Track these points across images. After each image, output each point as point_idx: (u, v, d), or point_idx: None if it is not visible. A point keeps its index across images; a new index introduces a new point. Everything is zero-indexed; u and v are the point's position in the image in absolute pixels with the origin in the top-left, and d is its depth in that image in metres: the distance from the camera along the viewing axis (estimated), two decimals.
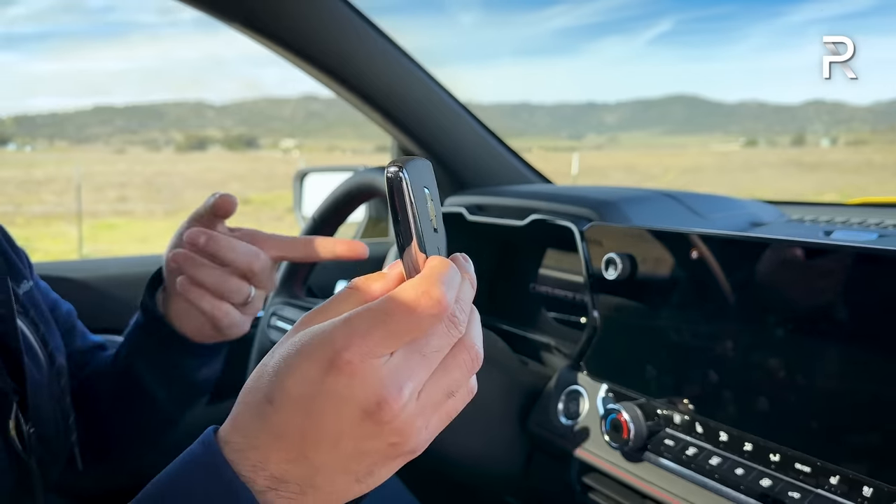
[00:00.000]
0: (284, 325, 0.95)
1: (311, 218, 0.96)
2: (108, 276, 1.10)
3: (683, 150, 48.32)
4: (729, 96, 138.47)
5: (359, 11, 1.09)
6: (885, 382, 0.53)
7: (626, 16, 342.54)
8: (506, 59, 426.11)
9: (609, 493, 0.75)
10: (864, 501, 0.54)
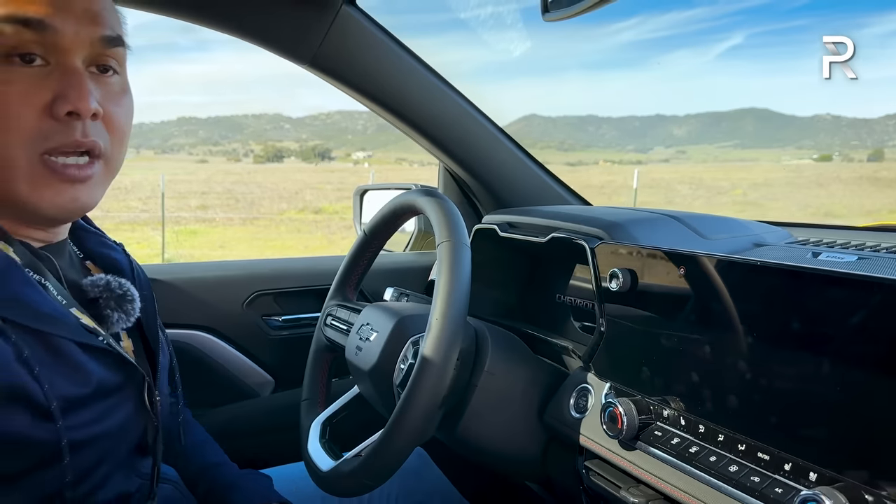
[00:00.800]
0: (338, 324, 1.09)
1: (362, 231, 1.11)
2: (187, 279, 1.28)
3: (754, 164, 46.77)
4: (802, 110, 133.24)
5: (408, 49, 1.23)
6: (826, 385, 0.63)
7: (696, 29, 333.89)
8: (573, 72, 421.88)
9: (607, 477, 0.86)
10: (810, 485, 0.63)
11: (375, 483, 0.87)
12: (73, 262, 0.76)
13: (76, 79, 0.63)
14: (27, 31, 0.60)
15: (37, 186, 0.63)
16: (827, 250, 0.90)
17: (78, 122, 0.63)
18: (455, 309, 0.82)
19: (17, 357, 0.58)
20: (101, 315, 0.71)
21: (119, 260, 0.82)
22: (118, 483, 0.70)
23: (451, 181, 1.47)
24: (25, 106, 0.61)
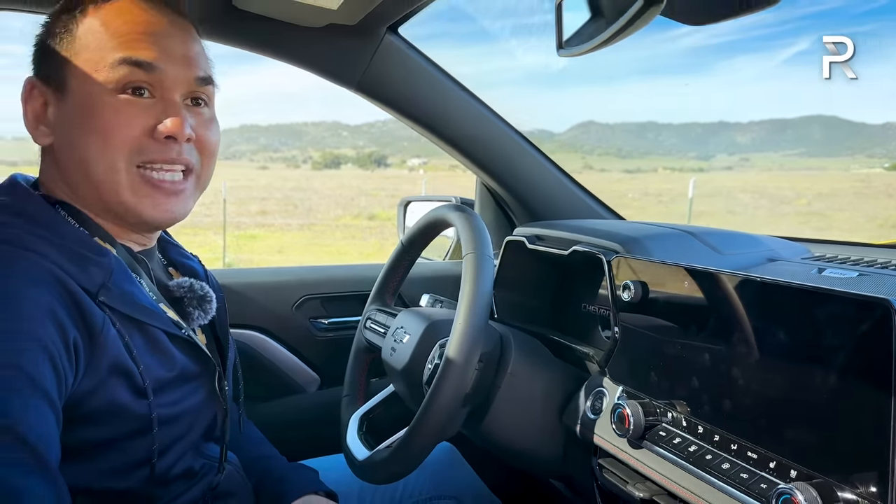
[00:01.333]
0: (377, 327, 1.19)
1: (400, 242, 1.20)
2: (243, 283, 1.40)
3: (820, 173, 45.12)
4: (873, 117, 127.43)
5: (446, 73, 1.33)
6: (803, 391, 0.69)
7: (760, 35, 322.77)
8: (632, 78, 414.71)
9: (618, 473, 0.93)
10: (790, 481, 0.69)
11: (404, 471, 0.96)
12: (160, 267, 0.89)
13: (174, 110, 0.76)
14: (139, 70, 0.74)
15: (139, 196, 0.76)
16: (834, 266, 0.95)
17: (175, 144, 0.77)
18: (477, 316, 0.91)
19: (125, 346, 0.71)
20: (184, 312, 0.84)
21: (196, 268, 0.95)
22: (191, 459, 0.82)
23: (487, 194, 1.55)
24: (130, 128, 0.74)
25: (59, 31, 0.77)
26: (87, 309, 0.68)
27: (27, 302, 0.64)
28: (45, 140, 0.78)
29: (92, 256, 0.71)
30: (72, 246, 0.71)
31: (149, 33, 0.76)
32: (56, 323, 0.65)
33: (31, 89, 0.78)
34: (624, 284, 0.94)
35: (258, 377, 1.39)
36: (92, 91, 0.74)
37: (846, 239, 1.20)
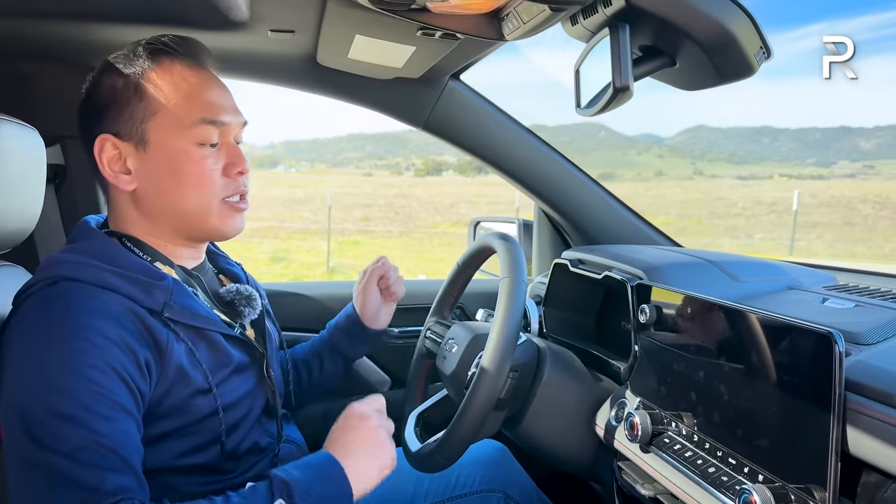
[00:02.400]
0: (434, 337, 1.36)
1: (456, 263, 1.37)
2: (327, 294, 1.61)
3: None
4: None
5: (503, 111, 1.49)
6: (767, 407, 0.80)
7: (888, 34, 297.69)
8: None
9: (632, 474, 1.06)
10: (757, 483, 0.80)
11: (446, 463, 1.12)
12: (212, 277, 1.09)
13: (237, 152, 0.98)
14: (213, 127, 0.95)
15: (223, 220, 0.98)
16: (841, 297, 1.03)
17: (241, 177, 0.98)
18: (508, 331, 1.06)
19: (188, 352, 0.91)
20: (235, 312, 1.03)
21: (239, 273, 1.15)
22: (254, 437, 1.01)
23: (545, 219, 1.70)
24: (213, 174, 0.96)
25: (128, 93, 0.92)
26: (154, 328, 0.87)
27: (101, 336, 0.82)
28: (130, 186, 0.94)
29: (154, 281, 0.90)
30: (137, 275, 0.89)
31: (212, 92, 0.96)
32: (127, 350, 0.84)
33: (104, 143, 0.93)
34: (640, 308, 1.07)
35: None
36: (176, 147, 0.93)
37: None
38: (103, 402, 0.80)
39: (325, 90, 1.41)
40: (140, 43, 0.96)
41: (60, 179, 1.40)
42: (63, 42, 1.27)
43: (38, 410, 0.78)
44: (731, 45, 0.77)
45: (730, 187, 36.08)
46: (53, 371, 0.80)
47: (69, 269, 0.88)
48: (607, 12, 0.77)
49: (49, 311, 0.85)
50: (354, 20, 1.00)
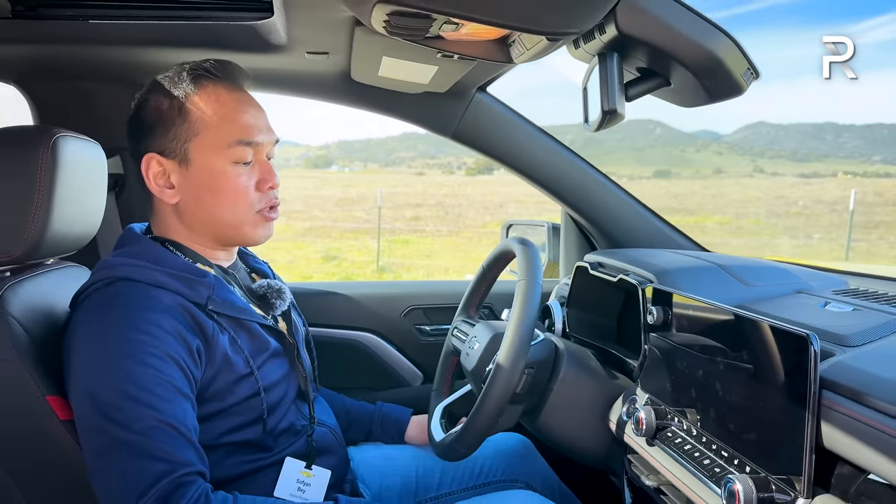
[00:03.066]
0: (460, 335, 1.45)
1: (480, 266, 1.45)
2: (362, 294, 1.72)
3: None
4: None
5: (529, 121, 1.56)
6: (753, 403, 0.86)
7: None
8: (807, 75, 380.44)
9: (639, 466, 1.12)
10: (746, 475, 0.86)
11: (466, 452, 1.20)
12: (244, 274, 1.20)
13: (268, 168, 1.08)
14: (248, 147, 1.05)
15: (257, 229, 1.09)
16: (845, 301, 1.08)
17: (272, 191, 1.09)
18: (523, 330, 1.14)
19: (231, 340, 1.02)
20: (268, 304, 1.14)
21: (266, 270, 1.26)
22: (291, 418, 1.12)
23: (572, 223, 1.77)
24: (248, 189, 1.06)
25: (173, 114, 1.03)
26: (201, 320, 0.99)
27: (157, 327, 0.94)
28: (173, 200, 1.05)
29: (198, 279, 1.02)
30: (182, 273, 1.01)
31: (248, 114, 1.05)
32: (180, 339, 0.96)
33: (150, 161, 1.04)
34: (649, 309, 1.13)
35: (372, 371, 1.71)
36: (215, 165, 1.03)
37: None
38: (164, 386, 0.92)
39: (360, 104, 1.51)
40: (184, 67, 1.06)
41: (120, 187, 1.54)
42: (122, 64, 1.41)
43: (109, 394, 0.90)
44: (717, 68, 0.83)
45: (790, 185, 35.02)
46: (118, 359, 0.92)
47: (123, 270, 1.00)
48: (603, 39, 0.84)
49: (110, 307, 0.97)
50: (380, 44, 1.10)
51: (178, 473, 0.88)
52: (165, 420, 0.90)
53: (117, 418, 0.89)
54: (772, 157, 77.27)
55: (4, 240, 1.00)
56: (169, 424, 0.90)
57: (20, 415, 0.96)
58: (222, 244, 1.11)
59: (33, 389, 0.95)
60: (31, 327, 1.01)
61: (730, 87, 0.85)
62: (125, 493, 0.88)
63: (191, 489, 0.89)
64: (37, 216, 1.00)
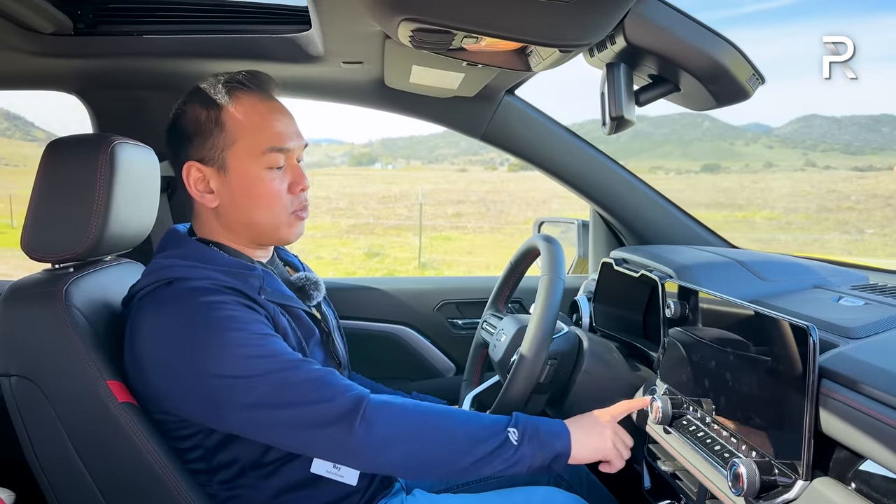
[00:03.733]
0: (489, 328, 1.51)
1: (509, 262, 1.52)
2: (398, 289, 1.80)
3: None
4: None
5: (556, 122, 1.62)
6: (759, 392, 0.90)
7: None
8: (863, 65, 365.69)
9: (656, 453, 1.17)
10: (751, 458, 0.91)
11: None
12: (281, 268, 1.28)
13: (299, 172, 1.15)
14: (280, 154, 1.12)
15: (290, 229, 1.16)
16: (860, 296, 1.10)
17: (303, 193, 1.16)
18: (545, 323, 1.20)
19: (287, 323, 1.11)
20: (306, 295, 1.22)
21: (297, 264, 1.35)
22: None
23: (600, 220, 1.81)
24: (281, 193, 1.14)
25: (210, 125, 1.09)
26: (262, 304, 1.08)
27: (238, 306, 1.03)
28: (213, 203, 1.12)
29: (248, 272, 1.11)
30: (232, 269, 1.10)
31: (279, 122, 1.11)
32: (256, 315, 1.05)
33: (190, 169, 1.11)
34: (666, 303, 1.18)
35: (406, 362, 1.79)
36: (250, 171, 1.10)
37: None
38: (269, 339, 1.03)
39: (394, 108, 1.59)
40: (219, 79, 1.13)
41: (172, 189, 1.65)
42: (171, 74, 1.51)
43: (230, 364, 0.99)
44: (722, 75, 0.88)
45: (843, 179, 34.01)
46: (217, 334, 1.00)
47: (178, 270, 1.08)
48: (614, 49, 0.90)
49: (182, 301, 1.04)
50: (410, 54, 1.17)
51: (351, 387, 1.02)
52: (294, 359, 1.02)
53: (256, 372, 0.99)
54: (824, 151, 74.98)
55: (69, 239, 1.10)
56: (299, 360, 1.03)
57: (84, 397, 1.06)
58: (259, 244, 1.19)
59: (95, 374, 1.04)
60: (92, 318, 1.11)
61: (736, 92, 0.90)
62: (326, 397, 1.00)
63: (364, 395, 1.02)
64: (97, 217, 1.10)
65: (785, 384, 0.86)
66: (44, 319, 1.06)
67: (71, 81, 1.56)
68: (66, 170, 1.11)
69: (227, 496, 1.11)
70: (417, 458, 1.03)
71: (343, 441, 0.99)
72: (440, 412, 1.07)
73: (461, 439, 1.04)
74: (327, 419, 0.99)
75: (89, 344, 1.06)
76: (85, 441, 1.06)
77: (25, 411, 1.06)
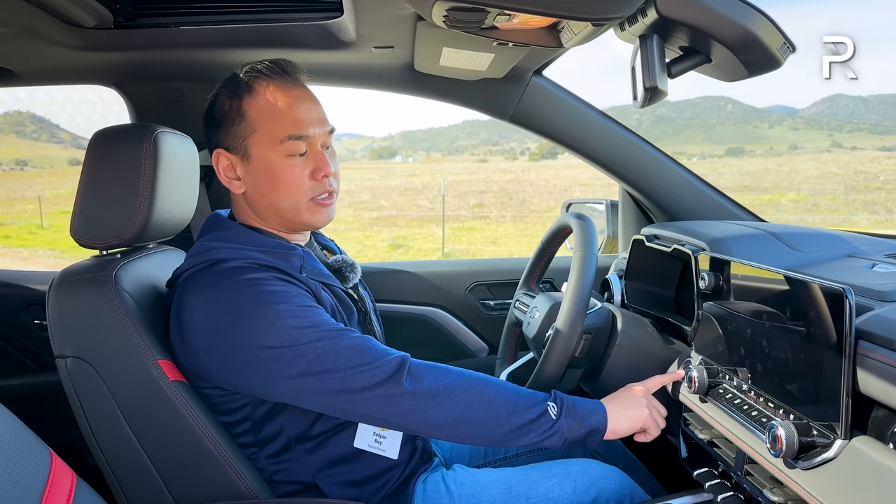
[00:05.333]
0: (522, 307, 1.54)
1: (540, 241, 1.54)
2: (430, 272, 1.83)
3: None
4: None
5: (584, 101, 1.63)
6: (799, 358, 0.92)
7: None
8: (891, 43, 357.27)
9: (692, 422, 1.19)
10: (789, 421, 0.92)
11: None
12: (319, 251, 1.31)
13: (322, 158, 1.17)
14: (300, 141, 1.15)
15: (313, 214, 1.18)
16: (892, 262, 1.11)
17: (326, 179, 1.17)
18: (579, 298, 1.22)
19: (329, 301, 1.14)
20: (343, 277, 1.25)
21: (334, 247, 1.38)
22: None
23: (629, 198, 1.83)
24: (302, 179, 1.15)
25: (233, 114, 1.13)
26: (305, 281, 1.11)
27: (284, 283, 1.07)
28: (240, 190, 1.16)
29: (288, 252, 1.14)
30: (275, 250, 1.14)
31: (300, 109, 1.13)
32: (301, 289, 1.09)
33: (218, 156, 1.16)
34: (701, 275, 1.20)
35: (440, 343, 1.82)
36: (271, 158, 1.13)
37: None
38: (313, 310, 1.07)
39: (423, 92, 1.62)
40: (241, 70, 1.17)
41: (210, 178, 1.69)
42: (206, 64, 1.55)
43: (279, 335, 1.03)
44: (753, 44, 0.89)
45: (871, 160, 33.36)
46: (267, 307, 1.05)
47: (222, 252, 1.12)
48: (645, 21, 0.91)
49: (228, 279, 1.08)
50: (441, 36, 1.19)
51: (392, 351, 1.07)
52: (337, 328, 1.06)
53: (302, 341, 1.03)
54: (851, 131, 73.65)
55: (117, 226, 1.14)
56: (342, 329, 1.06)
57: (136, 376, 1.10)
58: (289, 228, 1.21)
59: (146, 354, 1.09)
60: (140, 300, 1.15)
61: (767, 61, 0.91)
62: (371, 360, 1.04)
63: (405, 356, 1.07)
64: (143, 204, 1.14)
65: (822, 347, 0.88)
66: (95, 302, 1.10)
67: (110, 75, 1.61)
68: (111, 159, 1.15)
69: (274, 469, 1.15)
70: (459, 417, 1.06)
71: (391, 396, 1.03)
72: (482, 378, 1.11)
73: (502, 405, 1.08)
74: (374, 379, 1.03)
75: (139, 325, 1.11)
76: (138, 418, 1.10)
77: (82, 390, 1.10)
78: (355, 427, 1.19)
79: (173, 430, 1.10)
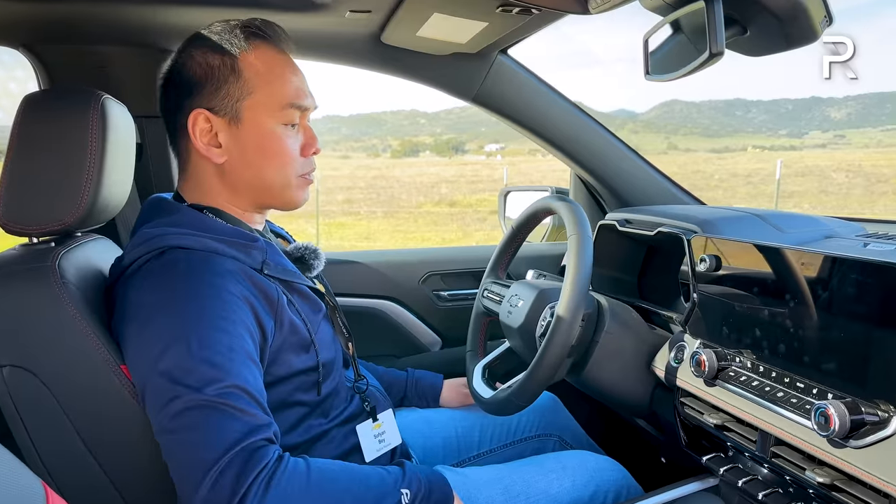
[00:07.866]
0: (493, 296, 1.46)
1: (510, 226, 1.47)
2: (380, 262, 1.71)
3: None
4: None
5: (548, 84, 1.58)
6: (838, 335, 0.91)
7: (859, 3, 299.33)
8: None
9: (695, 408, 1.17)
10: (838, 400, 0.91)
11: (524, 404, 1.22)
12: (274, 239, 1.16)
13: (311, 133, 1.07)
14: (298, 111, 1.03)
15: (299, 192, 1.07)
16: (879, 241, 1.15)
17: (314, 156, 1.07)
18: (581, 283, 1.16)
19: (289, 303, 1.00)
20: (306, 266, 1.12)
21: (285, 235, 1.24)
22: (340, 380, 1.11)
23: (581, 185, 1.80)
24: (294, 152, 1.04)
25: (225, 72, 0.99)
26: (264, 284, 0.96)
27: (226, 292, 0.91)
28: (220, 159, 1.01)
29: (250, 243, 1.00)
30: (233, 239, 0.98)
31: (297, 77, 1.04)
32: (248, 305, 0.93)
33: (197, 117, 0.99)
34: (701, 258, 1.18)
35: (392, 338, 1.70)
36: (266, 126, 1.01)
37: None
38: (237, 351, 0.89)
39: (384, 67, 1.49)
40: (234, 24, 1.02)
41: (136, 157, 1.46)
42: (140, 26, 1.33)
43: (184, 360, 0.86)
44: (801, 14, 0.86)
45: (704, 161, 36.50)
46: (191, 325, 0.88)
47: (173, 239, 0.95)
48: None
49: (171, 275, 0.92)
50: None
51: (254, 438, 0.84)
52: (240, 384, 0.86)
53: (191, 383, 0.84)
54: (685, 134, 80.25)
55: (58, 209, 0.94)
56: (243, 389, 0.86)
57: (95, 385, 0.91)
58: (261, 207, 1.08)
59: (105, 358, 0.92)
60: (90, 296, 0.96)
61: (807, 33, 0.89)
62: (200, 459, 0.81)
63: (267, 453, 0.84)
64: (89, 182, 0.95)
65: (870, 323, 0.87)
66: (37, 299, 0.91)
67: (14, 33, 1.34)
68: (49, 129, 0.95)
69: None
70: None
71: None
72: (328, 476, 0.92)
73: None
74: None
75: (94, 325, 0.92)
76: (98, 435, 0.92)
77: (23, 406, 0.90)
78: (334, 437, 1.08)
79: (141, 447, 0.92)
